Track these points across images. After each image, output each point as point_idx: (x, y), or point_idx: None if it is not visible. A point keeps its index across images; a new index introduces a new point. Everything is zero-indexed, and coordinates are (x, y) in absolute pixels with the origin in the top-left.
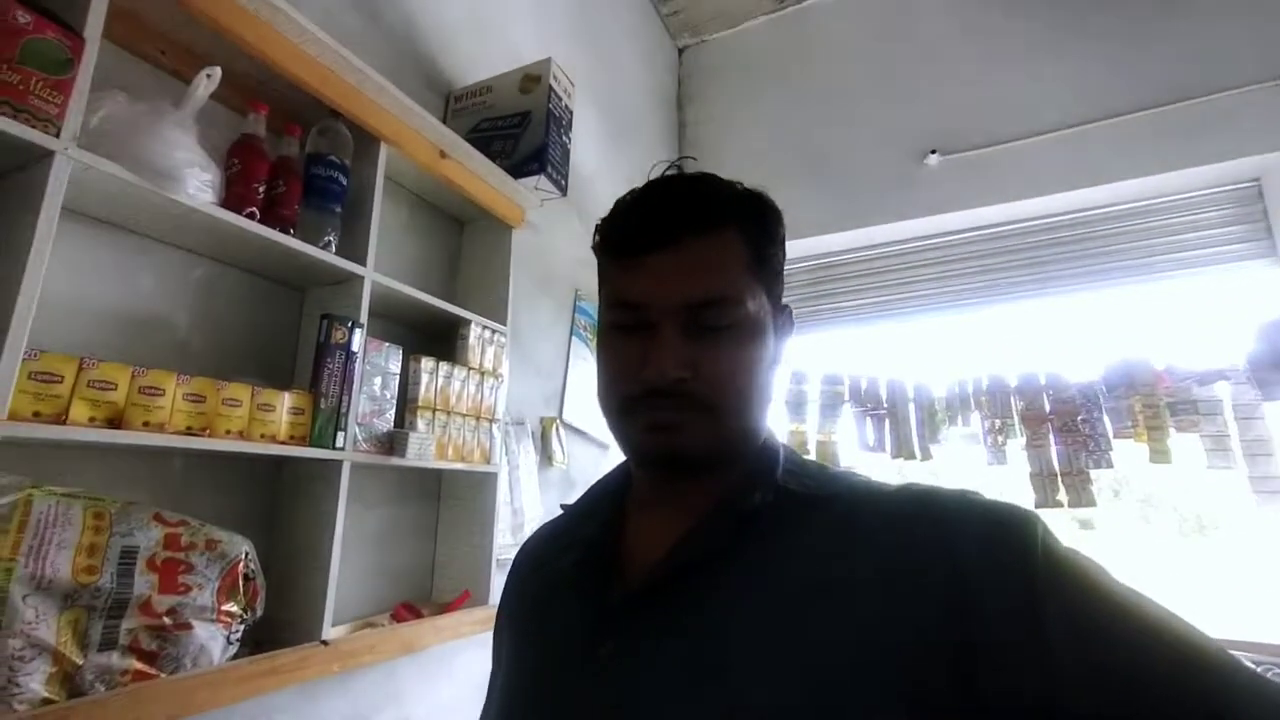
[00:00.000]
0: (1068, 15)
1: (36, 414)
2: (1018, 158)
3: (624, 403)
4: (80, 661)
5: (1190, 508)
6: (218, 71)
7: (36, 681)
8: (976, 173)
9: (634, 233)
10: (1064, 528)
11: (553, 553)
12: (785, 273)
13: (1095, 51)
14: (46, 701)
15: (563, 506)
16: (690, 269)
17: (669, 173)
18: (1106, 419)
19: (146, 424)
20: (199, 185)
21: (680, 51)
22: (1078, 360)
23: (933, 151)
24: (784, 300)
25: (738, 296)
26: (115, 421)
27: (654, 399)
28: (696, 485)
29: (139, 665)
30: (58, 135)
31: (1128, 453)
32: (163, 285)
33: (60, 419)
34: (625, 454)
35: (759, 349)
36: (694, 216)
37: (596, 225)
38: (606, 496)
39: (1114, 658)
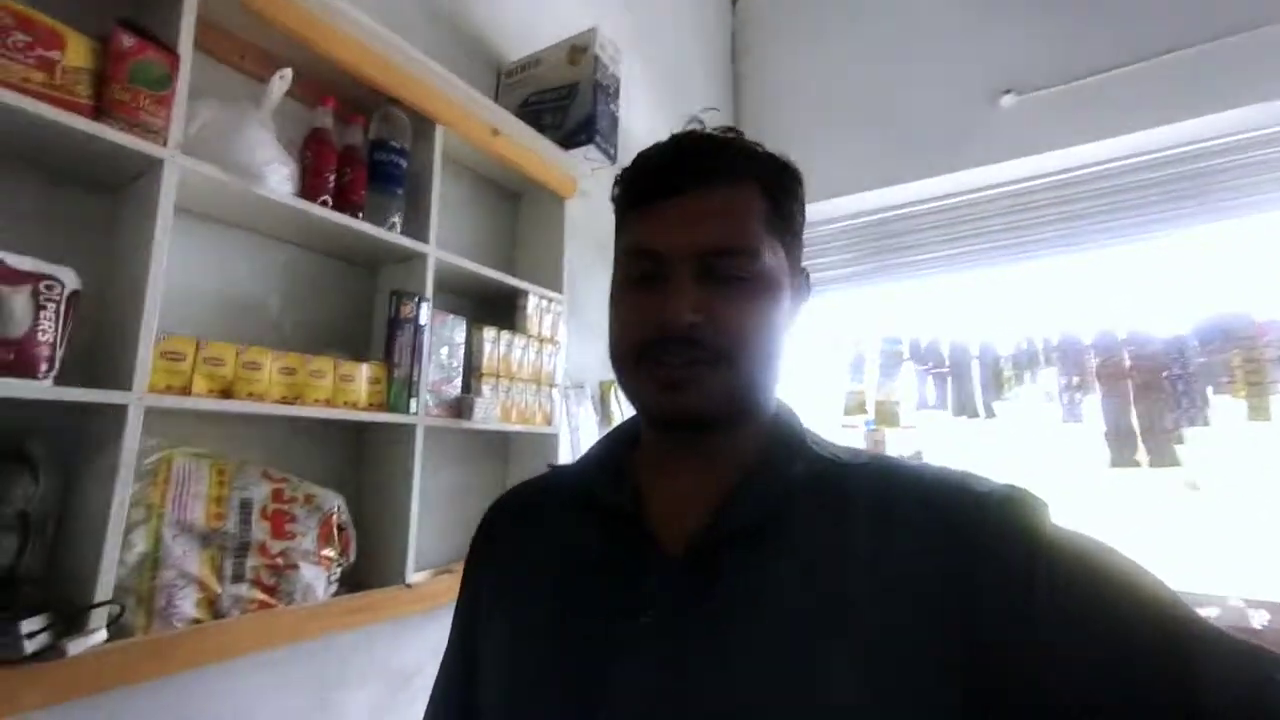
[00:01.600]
0: None
1: (169, 387)
2: (1102, 93)
3: (633, 352)
4: (219, 590)
5: None
6: (289, 72)
7: (189, 604)
8: (1057, 111)
9: (650, 181)
10: (1167, 488)
11: (549, 513)
12: (846, 228)
13: None
14: (197, 621)
15: (550, 466)
16: (703, 215)
17: (692, 126)
18: (1200, 374)
19: (250, 394)
20: (280, 179)
21: (734, 1)
22: (1162, 312)
23: (1007, 91)
24: (803, 264)
25: (754, 248)
26: (226, 392)
27: (664, 348)
28: (713, 447)
29: (262, 596)
30: (165, 144)
31: (1225, 410)
32: (254, 270)
33: (186, 391)
34: (637, 412)
35: (773, 305)
36: (711, 166)
37: (615, 178)
38: (613, 457)
39: (1096, 641)
